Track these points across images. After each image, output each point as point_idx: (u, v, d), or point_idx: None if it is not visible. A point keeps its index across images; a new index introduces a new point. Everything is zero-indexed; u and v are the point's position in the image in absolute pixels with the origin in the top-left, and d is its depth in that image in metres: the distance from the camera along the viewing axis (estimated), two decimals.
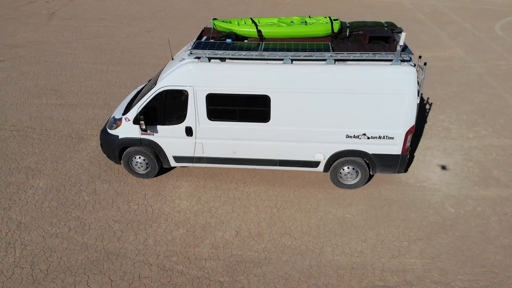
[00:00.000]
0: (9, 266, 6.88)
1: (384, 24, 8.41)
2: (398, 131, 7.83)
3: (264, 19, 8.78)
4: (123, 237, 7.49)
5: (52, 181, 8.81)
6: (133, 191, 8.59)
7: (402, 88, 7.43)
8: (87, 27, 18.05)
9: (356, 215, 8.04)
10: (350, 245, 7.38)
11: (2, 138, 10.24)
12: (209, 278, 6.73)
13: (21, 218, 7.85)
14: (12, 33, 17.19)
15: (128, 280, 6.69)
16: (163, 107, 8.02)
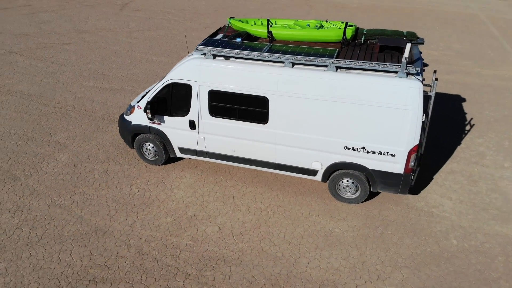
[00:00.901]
0: (12, 227, 7.65)
1: (404, 33, 7.89)
2: (400, 148, 7.33)
3: (281, 21, 8.70)
4: (115, 217, 7.94)
5: (73, 157, 9.58)
6: (139, 175, 9.04)
7: (406, 103, 6.94)
8: (152, 19, 19.17)
9: (346, 231, 7.68)
10: (329, 260, 7.08)
11: (45, 113, 11.33)
12: (178, 268, 6.90)
13: (36, 186, 8.66)
14: (85, 19, 18.84)
15: (106, 256, 7.10)
16: (170, 99, 8.33)
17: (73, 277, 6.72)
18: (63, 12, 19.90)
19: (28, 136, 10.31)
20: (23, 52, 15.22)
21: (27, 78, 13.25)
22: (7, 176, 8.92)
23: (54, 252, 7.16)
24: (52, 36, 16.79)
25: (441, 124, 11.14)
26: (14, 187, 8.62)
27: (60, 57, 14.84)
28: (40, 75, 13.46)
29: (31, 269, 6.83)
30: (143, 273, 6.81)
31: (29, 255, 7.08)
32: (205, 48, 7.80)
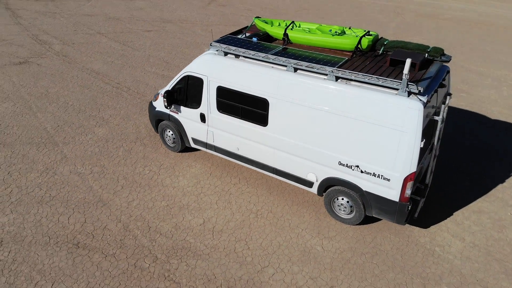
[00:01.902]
0: (34, 185, 8.69)
1: (429, 49, 7.11)
2: (395, 173, 6.67)
3: (305, 24, 8.42)
4: (118, 192, 8.54)
5: (108, 133, 10.49)
6: (156, 158, 9.56)
7: (403, 124, 6.29)
8: (233, 15, 19.81)
9: (328, 250, 7.25)
10: (295, 276, 6.78)
11: (103, 91, 12.52)
12: (150, 251, 7.21)
13: (67, 154, 9.69)
14: (173, 10, 20.19)
15: (96, 226, 7.70)
16: (185, 90, 8.65)
17: (61, 238, 7.43)
18: (157, 1, 21.57)
19: (81, 109, 11.52)
20: (109, 34, 16.93)
21: (102, 58, 14.74)
22: (49, 141, 10.11)
23: (56, 213, 7.98)
24: (138, 22, 18.36)
25: (483, 155, 9.78)
26: (50, 151, 9.75)
27: (137, 43, 16.20)
28: (114, 57, 14.87)
29: (32, 224, 7.71)
30: (119, 248, 7.25)
31: (36, 212, 8.00)
32: (218, 45, 7.93)
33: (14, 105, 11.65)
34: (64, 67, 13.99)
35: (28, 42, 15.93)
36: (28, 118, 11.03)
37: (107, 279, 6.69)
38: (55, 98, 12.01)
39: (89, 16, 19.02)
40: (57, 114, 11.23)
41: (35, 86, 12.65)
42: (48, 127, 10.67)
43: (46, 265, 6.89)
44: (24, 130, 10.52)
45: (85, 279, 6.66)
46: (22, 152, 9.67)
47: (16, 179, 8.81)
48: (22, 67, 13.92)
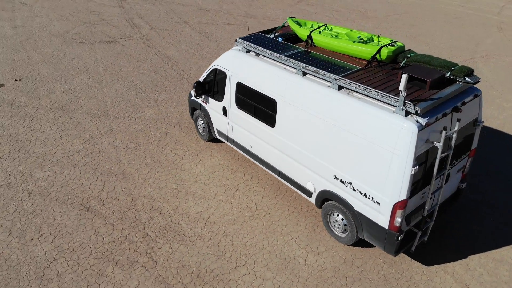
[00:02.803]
0: (75, 151, 9.75)
1: (455, 67, 6.31)
2: (384, 198, 6.12)
3: (337, 28, 8.05)
4: (140, 169, 9.18)
5: (155, 114, 11.26)
6: (185, 144, 10.02)
7: (395, 146, 5.75)
8: (315, 15, 19.50)
9: (310, 265, 6.95)
10: (266, 282, 6.65)
11: (166, 76, 13.41)
12: (144, 227, 7.66)
13: (114, 127, 10.64)
14: (261, 6, 20.57)
15: (109, 195, 8.41)
16: (213, 83, 8.91)
17: (77, 200, 8.28)
18: None
19: (141, 90, 12.53)
20: (193, 24, 17.96)
21: (178, 45, 15.75)
22: (103, 114, 11.22)
23: (83, 178, 8.89)
24: (224, 15, 19.13)
25: None
26: (100, 123, 10.83)
27: (215, 35, 16.94)
28: (189, 46, 15.78)
29: (60, 183, 8.71)
30: (119, 219, 7.84)
31: (67, 173, 9.01)
32: (242, 41, 8.02)
33: (89, 78, 13.12)
34: (143, 50, 15.27)
35: (123, 24, 17.69)
36: (95, 91, 12.35)
37: (98, 243, 7.30)
38: (124, 77, 13.22)
39: (183, 6, 20.36)
40: (120, 91, 12.36)
41: (112, 64, 14.06)
42: (108, 102, 11.83)
43: (56, 220, 7.76)
44: (88, 101, 11.81)
45: (81, 239, 7.36)
46: (78, 120, 10.90)
47: (64, 143, 9.99)
48: (108, 45, 15.55)
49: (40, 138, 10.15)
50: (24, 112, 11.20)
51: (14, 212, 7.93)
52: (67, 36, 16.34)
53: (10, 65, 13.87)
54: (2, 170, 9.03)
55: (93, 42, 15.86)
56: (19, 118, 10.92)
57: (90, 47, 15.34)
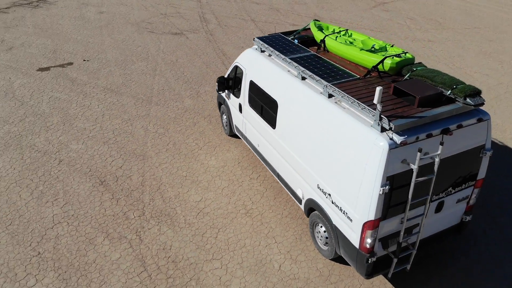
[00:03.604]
0: (110, 129, 10.60)
1: (457, 85, 5.72)
2: (356, 215, 5.81)
3: (356, 34, 7.71)
4: (160, 153, 9.72)
5: (192, 105, 11.76)
6: (208, 136, 10.35)
7: (367, 162, 5.44)
8: (387, 21, 18.56)
9: (283, 271, 6.83)
10: (234, 280, 6.71)
11: (216, 70, 13.88)
12: (143, 206, 8.13)
13: (152, 112, 11.36)
14: (333, 9, 20.12)
15: (124, 173, 9.04)
16: (234, 79, 9.08)
17: (96, 173, 9.04)
18: None
19: (188, 81, 13.15)
20: (259, 23, 18.25)
21: (237, 43, 16.16)
22: (147, 100, 12.01)
23: (108, 154, 9.67)
24: (293, 16, 19.13)
25: None
26: (142, 107, 11.62)
27: None
28: (246, 43, 16.11)
29: (87, 156, 9.57)
30: (125, 196, 8.42)
31: (97, 148, 9.85)
32: (258, 41, 8.07)
33: (146, 65, 14.10)
34: (204, 44, 15.96)
35: (194, 18, 18.60)
36: (147, 78, 13.24)
37: (99, 215, 7.94)
38: (177, 67, 13.97)
39: (256, 4, 20.76)
40: (169, 80, 13.11)
41: (171, 55, 14.93)
42: (155, 89, 12.62)
43: (72, 188, 8.59)
44: (138, 86, 12.73)
45: (86, 209, 8.06)
46: (123, 102, 11.82)
47: (103, 121, 10.93)
48: (174, 37, 16.51)
49: (86, 114, 11.22)
50: (81, 90, 12.43)
51: (41, 176, 8.92)
52: (141, 25, 17.67)
53: (84, 46, 15.44)
54: (46, 138, 10.18)
55: (162, 32, 16.95)
56: (75, 94, 12.15)
57: (157, 37, 16.43)
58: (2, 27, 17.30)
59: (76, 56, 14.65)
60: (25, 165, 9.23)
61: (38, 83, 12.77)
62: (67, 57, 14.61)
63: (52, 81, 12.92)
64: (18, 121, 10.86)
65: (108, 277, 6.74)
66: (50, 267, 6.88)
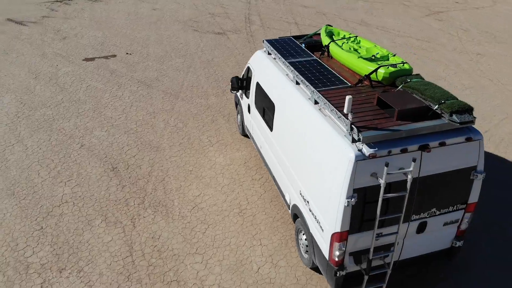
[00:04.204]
0: (134, 120, 11.13)
1: (445, 100, 5.39)
2: (326, 225, 5.68)
3: (365, 42, 7.48)
4: (173, 147, 10.05)
5: (216, 103, 12.02)
6: (222, 134, 10.52)
7: (336, 172, 5.30)
8: (437, 31, 17.59)
9: (261, 274, 6.84)
10: (210, 276, 6.82)
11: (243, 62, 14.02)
12: (144, 195, 8.49)
13: (175, 107, 11.75)
14: (383, 15, 19.46)
15: (136, 163, 9.47)
16: (246, 80, 9.18)
17: (110, 160, 9.56)
18: (378, 5, 21.15)
19: (218, 80, 13.43)
20: (302, 26, 18.15)
21: None
22: (174, 95, 12.44)
23: (126, 143, 10.17)
24: (339, 20, 18.79)
25: None
26: (168, 101, 12.06)
27: None
28: None
29: (107, 143, 10.13)
30: (131, 184, 8.83)
31: (117, 136, 10.39)
32: (266, 43, 8.10)
33: (183, 62, 14.60)
34: (242, 45, 16.19)
35: (239, 19, 18.92)
36: (180, 74, 13.72)
37: (103, 199, 8.40)
38: (211, 66, 14.32)
39: (303, 7, 20.66)
40: (200, 78, 13.49)
41: (208, 54, 15.32)
42: (185, 85, 13.05)
43: (85, 172, 9.17)
44: (169, 81, 13.23)
45: (92, 192, 8.57)
46: (152, 95, 12.35)
47: (130, 112, 11.51)
48: (216, 36, 16.91)
49: (116, 104, 11.88)
50: (117, 81, 13.16)
51: (62, 157, 9.61)
52: (187, 23, 18.30)
53: (131, 40, 16.30)
54: (74, 123, 10.93)
55: (206, 31, 17.44)
56: (111, 85, 12.90)
57: (200, 36, 16.93)
58: (62, 17, 18.75)
59: (121, 49, 15.51)
60: (50, 146, 9.98)
61: (80, 72, 13.71)
62: (112, 49, 15.52)
63: (93, 71, 13.80)
64: (54, 105, 11.75)
65: (95, 258, 7.15)
66: (48, 241, 7.42)
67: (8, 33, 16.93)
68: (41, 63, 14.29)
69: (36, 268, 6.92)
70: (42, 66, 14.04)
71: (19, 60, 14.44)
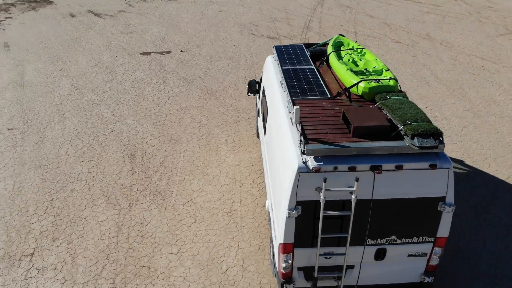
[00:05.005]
0: (165, 113, 11.77)
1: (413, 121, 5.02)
2: (276, 235, 5.59)
3: (369, 55, 7.15)
4: (191, 142, 10.45)
5: (244, 105, 12.22)
6: (240, 135, 10.69)
7: (285, 182, 5.21)
8: (504, 52, 15.93)
9: (228, 274, 6.91)
10: (179, 268, 7.06)
11: None
12: (149, 183, 8.98)
13: (205, 104, 12.19)
14: (452, 31, 18.09)
15: (153, 152, 10.03)
16: (259, 84, 9.25)
17: (131, 147, 10.23)
18: (449, 20, 19.72)
19: None
20: (361, 36, 17.61)
21: None
22: (209, 93, 12.89)
23: (149, 133, 10.81)
24: (401, 33, 17.90)
25: None
26: (202, 99, 12.54)
27: (373, 49, 16.27)
28: None
29: (134, 131, 10.86)
30: (141, 171, 9.39)
31: (145, 126, 11.07)
32: (274, 49, 8.11)
33: (229, 64, 15.03)
34: None
35: (298, 25, 18.91)
36: (222, 74, 14.15)
37: (112, 182, 9.05)
38: (254, 69, 14.56)
39: (369, 17, 20.00)
40: (239, 79, 13.79)
41: (255, 56, 15.58)
42: (223, 85, 13.44)
43: (107, 155, 9.92)
44: (211, 80, 13.72)
45: (105, 174, 9.27)
46: (190, 92, 12.92)
47: (164, 105, 12.18)
48: (269, 40, 17.11)
49: (154, 97, 12.64)
50: (163, 76, 13.97)
51: (91, 139, 10.51)
52: (247, 26, 18.75)
53: (189, 39, 17.16)
54: (112, 110, 11.86)
55: (261, 35, 17.74)
56: (156, 79, 13.74)
57: (253, 39, 17.27)
58: (136, 13, 20.30)
59: (177, 46, 16.40)
60: (85, 128, 10.96)
61: (134, 64, 14.79)
62: (169, 46, 16.48)
63: (146, 64, 14.80)
64: (101, 92, 12.84)
65: (87, 233, 7.76)
66: (53, 213, 8.21)
67: (85, 23, 18.79)
68: (104, 53, 15.67)
69: (35, 234, 7.71)
70: (104, 56, 15.39)
71: (86, 49, 15.98)
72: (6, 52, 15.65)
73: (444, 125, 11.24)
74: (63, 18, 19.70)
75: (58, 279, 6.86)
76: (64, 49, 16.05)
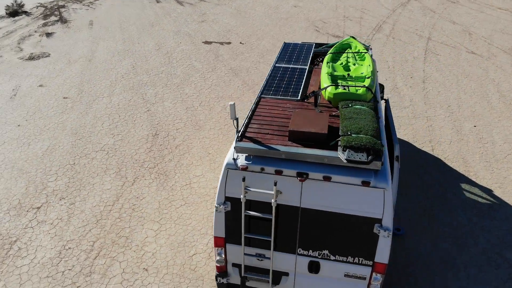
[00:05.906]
0: (199, 101, 12.26)
1: (355, 133, 4.68)
2: None
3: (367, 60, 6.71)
4: (212, 130, 10.78)
5: None
6: None
7: None
8: None
9: (189, 263, 7.11)
10: (148, 253, 7.43)
11: None
12: (161, 161, 9.53)
13: (226, 104, 12.43)
14: None
15: (176, 134, 10.58)
16: None
17: (158, 127, 10.90)
18: None
19: None
20: (433, 42, 16.26)
21: (385, 56, 15.10)
22: (249, 86, 13.08)
23: (179, 117, 11.38)
24: (479, 43, 16.14)
25: None
26: (240, 90, 12.79)
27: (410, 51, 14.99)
28: (396, 60, 14.85)
29: (167, 113, 11.53)
30: (157, 151, 9.98)
31: (178, 110, 11.68)
32: (282, 46, 7.99)
33: None
34: None
35: (370, 25, 18.07)
36: (266, 68, 14.10)
37: (128, 156, 9.78)
38: None
39: (451, 23, 18.30)
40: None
41: None
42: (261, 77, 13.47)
43: (134, 131, 10.71)
44: (255, 74, 13.89)
45: (126, 148, 10.03)
46: (232, 83, 13.24)
47: (204, 93, 12.67)
48: (330, 39, 16.68)
49: (198, 84, 13.20)
50: (214, 65, 14.49)
51: (127, 116, 11.41)
52: (314, 23, 18.46)
53: (253, 31, 17.47)
54: (156, 91, 12.68)
55: (325, 33, 17.36)
56: (207, 67, 14.30)
57: (315, 36, 16.97)
58: (215, 3, 21.16)
59: (238, 38, 16.83)
60: (127, 105, 11.91)
61: (192, 51, 15.54)
62: (232, 37, 16.97)
63: (203, 53, 15.47)
64: (154, 74, 13.78)
65: (88, 198, 8.55)
66: (69, 175, 9.17)
67: (165, 9, 20.13)
68: (170, 38, 16.70)
69: (48, 191, 8.72)
70: (169, 41, 16.41)
71: (157, 33, 17.18)
72: (88, 29, 17.52)
73: (487, 148, 10.05)
74: (149, 3, 21.33)
75: (50, 233, 7.71)
76: (138, 31, 17.44)
